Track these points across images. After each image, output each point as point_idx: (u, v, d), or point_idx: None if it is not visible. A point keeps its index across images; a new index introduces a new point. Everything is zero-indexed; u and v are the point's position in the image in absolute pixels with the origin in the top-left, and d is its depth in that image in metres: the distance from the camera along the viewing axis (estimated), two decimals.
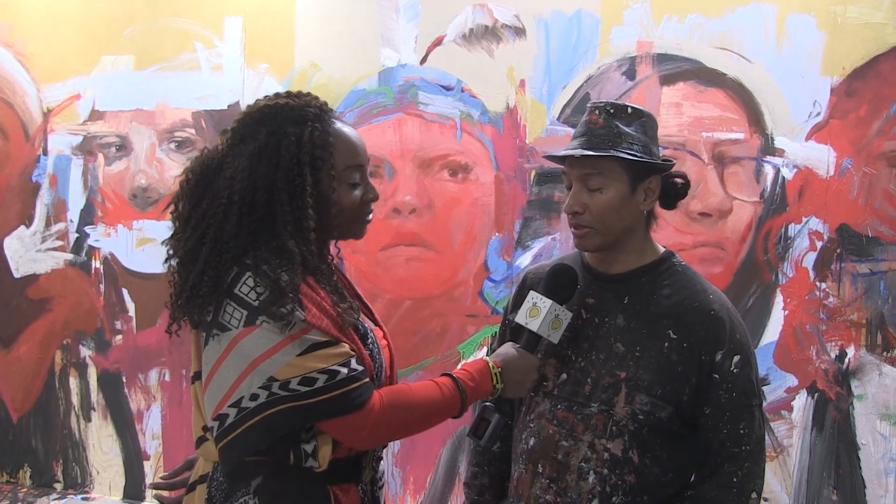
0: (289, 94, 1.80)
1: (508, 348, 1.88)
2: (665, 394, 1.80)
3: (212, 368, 1.66)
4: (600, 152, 1.81)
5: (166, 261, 1.78)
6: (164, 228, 1.89)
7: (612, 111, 1.85)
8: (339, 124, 1.80)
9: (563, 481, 1.85)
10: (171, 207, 1.78)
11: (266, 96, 1.81)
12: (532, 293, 1.88)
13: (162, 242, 1.80)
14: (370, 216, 1.86)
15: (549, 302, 1.84)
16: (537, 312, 1.84)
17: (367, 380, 1.67)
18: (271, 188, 1.68)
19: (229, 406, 1.63)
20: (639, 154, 1.82)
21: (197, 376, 1.76)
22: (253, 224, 1.68)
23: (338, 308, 1.70)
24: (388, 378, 1.86)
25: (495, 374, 1.81)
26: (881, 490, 3.08)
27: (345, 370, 1.63)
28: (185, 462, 1.95)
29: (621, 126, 1.83)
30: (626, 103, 1.89)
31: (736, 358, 1.80)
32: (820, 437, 3.15)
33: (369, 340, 1.78)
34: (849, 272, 3.09)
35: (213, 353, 1.65)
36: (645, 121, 1.87)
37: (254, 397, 1.61)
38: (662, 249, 1.95)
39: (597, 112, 1.87)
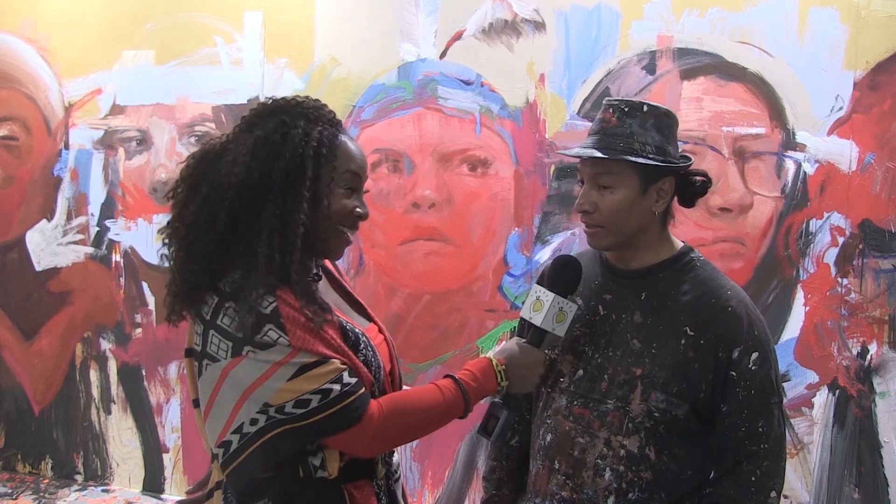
0: (306, 96, 1.80)
1: (512, 344, 1.87)
2: (681, 391, 1.78)
3: (209, 400, 1.66)
4: (610, 156, 1.79)
5: (162, 248, 1.77)
6: None
7: (626, 109, 1.82)
8: (346, 136, 1.79)
9: (579, 478, 1.84)
10: (171, 194, 1.76)
11: (285, 97, 1.81)
12: (535, 287, 1.87)
13: (159, 231, 1.79)
14: (353, 232, 1.81)
15: (551, 295, 1.83)
16: (541, 306, 1.83)
17: (363, 391, 1.66)
18: (269, 174, 1.66)
19: (232, 433, 1.64)
20: (651, 156, 1.79)
21: (196, 403, 1.76)
22: (243, 209, 1.65)
23: (306, 312, 1.64)
24: (388, 373, 1.84)
25: (499, 371, 1.80)
26: None
27: (337, 387, 1.62)
28: (208, 472, 1.95)
29: (635, 126, 1.80)
30: (643, 101, 1.85)
31: (755, 355, 1.78)
32: (841, 435, 3.12)
33: (361, 346, 1.76)
34: (871, 268, 3.06)
35: (209, 384, 1.66)
36: (661, 119, 1.83)
37: (253, 422, 1.61)
38: (681, 245, 1.92)
39: (611, 110, 1.84)
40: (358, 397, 1.64)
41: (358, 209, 1.79)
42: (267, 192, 1.66)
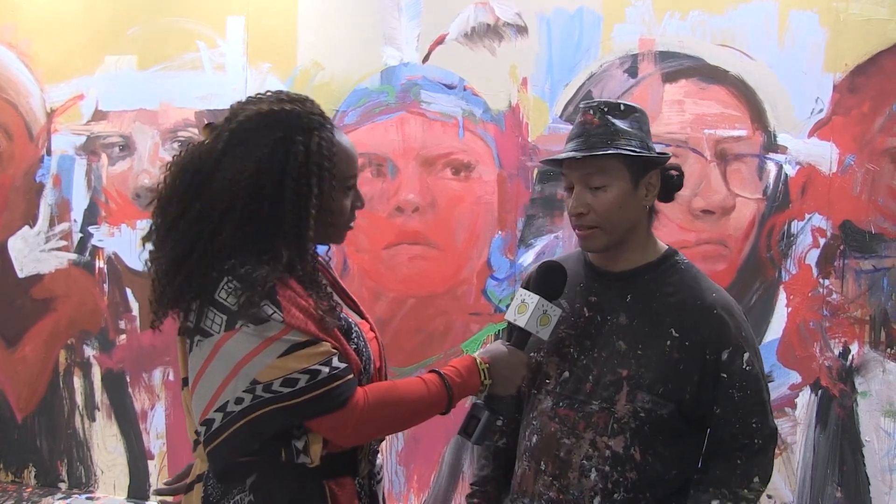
0: (290, 97, 1.78)
1: (497, 345, 1.89)
2: (666, 392, 1.81)
3: (197, 374, 1.67)
4: (601, 151, 1.82)
5: (151, 261, 1.75)
6: None
7: (606, 109, 1.86)
8: (338, 135, 1.80)
9: (565, 478, 1.86)
10: (156, 203, 1.74)
11: (264, 93, 1.80)
12: (521, 290, 1.90)
13: (143, 238, 1.76)
14: (353, 223, 1.87)
15: (536, 298, 1.85)
16: (525, 308, 1.86)
17: (350, 377, 1.68)
18: (277, 196, 1.68)
19: (215, 411, 1.64)
20: (638, 149, 1.83)
21: (185, 382, 1.76)
22: (252, 230, 1.67)
23: (319, 311, 1.68)
24: (377, 370, 1.86)
25: (483, 370, 1.81)
26: (885, 487, 3.08)
27: (326, 369, 1.63)
28: (186, 467, 1.94)
29: (618, 123, 1.84)
30: (618, 101, 1.90)
31: (746, 355, 1.82)
32: (824, 435, 3.14)
33: (353, 335, 1.78)
34: (852, 269, 3.08)
35: (198, 360, 1.66)
36: (638, 116, 1.88)
37: (238, 401, 1.62)
38: (665, 247, 1.96)
39: (591, 112, 1.87)
40: (345, 382, 1.66)
41: (355, 203, 1.84)
42: (275, 211, 1.68)
